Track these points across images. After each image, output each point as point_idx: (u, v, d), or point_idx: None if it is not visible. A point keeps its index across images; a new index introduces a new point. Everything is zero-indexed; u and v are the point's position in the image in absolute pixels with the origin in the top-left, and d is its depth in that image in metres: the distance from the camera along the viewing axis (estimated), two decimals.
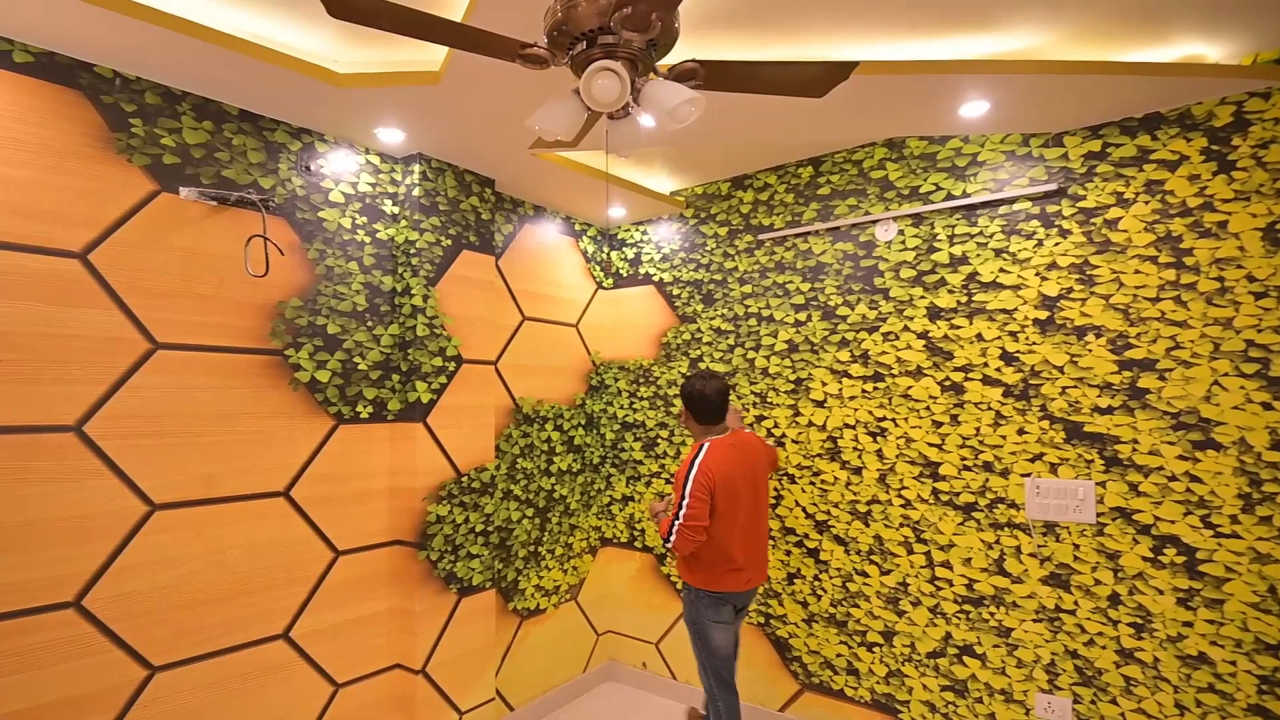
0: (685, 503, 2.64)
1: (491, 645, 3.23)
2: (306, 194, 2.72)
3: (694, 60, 1.65)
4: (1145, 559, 2.53)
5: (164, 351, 2.30)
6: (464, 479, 3.12)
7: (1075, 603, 2.67)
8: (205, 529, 2.38)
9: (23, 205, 2.02)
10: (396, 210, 3.04)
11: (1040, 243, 2.75)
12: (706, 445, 2.75)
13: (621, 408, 4.15)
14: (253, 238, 2.53)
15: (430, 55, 2.37)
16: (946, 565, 2.96)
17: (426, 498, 2.95)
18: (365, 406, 2.90)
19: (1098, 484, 2.62)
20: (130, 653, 2.19)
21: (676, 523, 2.64)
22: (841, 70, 1.70)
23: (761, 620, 3.54)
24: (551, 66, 1.65)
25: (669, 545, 2.67)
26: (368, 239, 2.94)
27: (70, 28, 1.99)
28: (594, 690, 4.04)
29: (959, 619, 2.94)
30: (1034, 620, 2.75)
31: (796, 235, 3.42)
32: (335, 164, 2.83)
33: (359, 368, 2.88)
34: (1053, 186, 2.69)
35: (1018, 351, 2.79)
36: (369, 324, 2.92)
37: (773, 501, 3.50)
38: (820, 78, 1.73)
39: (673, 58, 1.71)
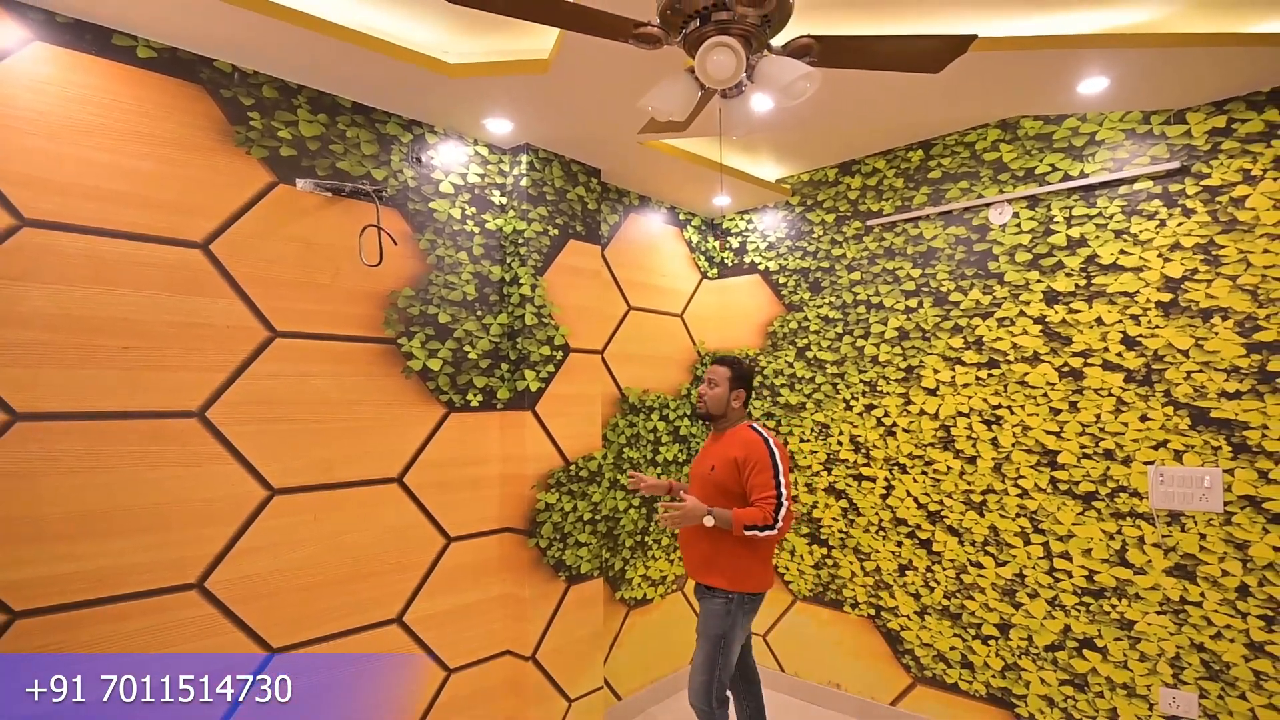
0: (782, 481, 2.35)
1: (599, 634, 2.98)
2: (418, 185, 2.55)
3: (809, 35, 1.50)
4: (1277, 549, 2.27)
5: (282, 340, 2.17)
6: (572, 467, 2.88)
7: (1202, 594, 2.40)
8: (322, 514, 2.24)
9: (147, 197, 1.91)
10: (505, 200, 2.83)
11: (1163, 223, 2.48)
12: (759, 426, 2.49)
13: None
14: (366, 228, 2.37)
15: (539, 44, 2.17)
16: (1066, 556, 2.69)
17: (535, 485, 2.74)
18: (475, 395, 2.71)
19: (1225, 471, 2.35)
20: (250, 634, 2.07)
21: (785, 506, 2.31)
22: (960, 44, 1.54)
23: (872, 613, 3.26)
24: (664, 46, 1.51)
25: (774, 530, 2.29)
26: (477, 229, 2.74)
27: (191, 23, 1.87)
28: None
29: (1079, 611, 2.67)
30: (1158, 613, 2.49)
31: (906, 220, 3.14)
32: (445, 155, 2.64)
33: (469, 356, 2.69)
34: (1175, 165, 2.43)
35: (1140, 335, 2.52)
36: (479, 313, 2.73)
37: (883, 491, 3.22)
38: (937, 51, 1.57)
39: (786, 36, 1.55)
